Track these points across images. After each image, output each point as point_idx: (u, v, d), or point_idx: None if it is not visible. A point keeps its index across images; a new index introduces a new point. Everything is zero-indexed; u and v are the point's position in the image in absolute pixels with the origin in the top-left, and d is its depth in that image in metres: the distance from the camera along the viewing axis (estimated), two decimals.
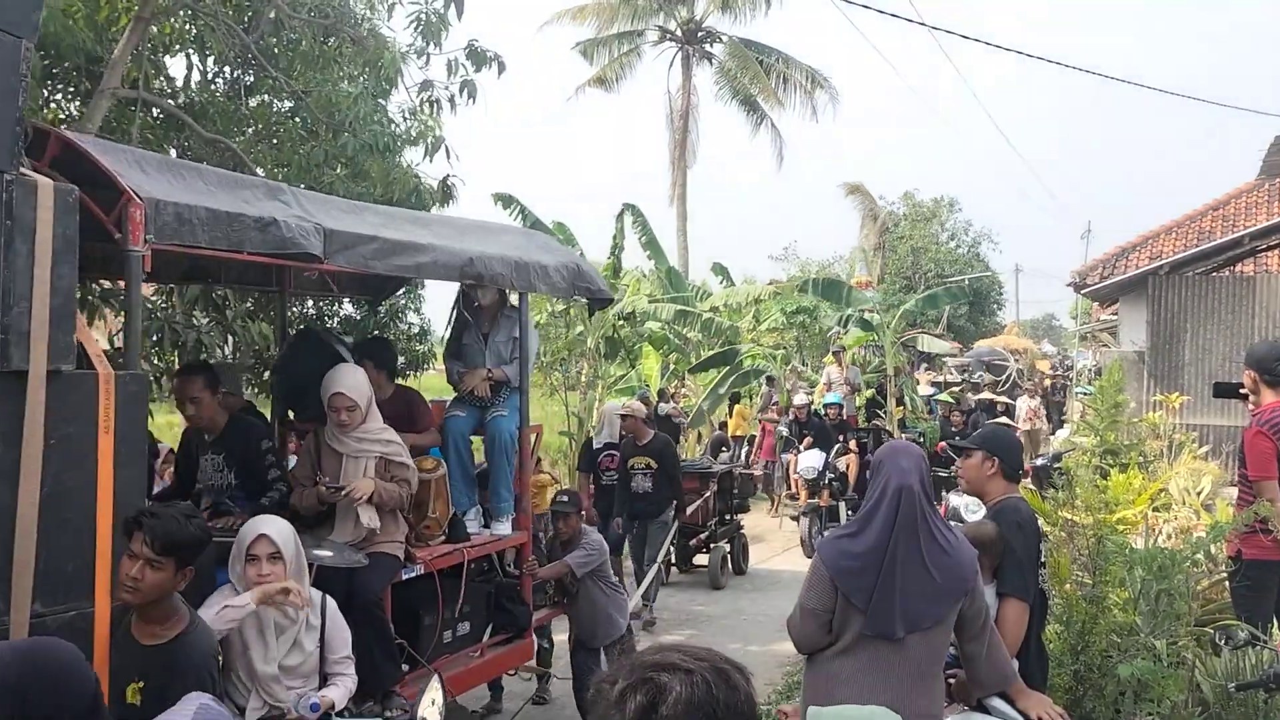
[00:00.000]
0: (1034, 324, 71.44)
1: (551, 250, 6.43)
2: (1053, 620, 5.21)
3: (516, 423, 6.29)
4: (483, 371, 6.22)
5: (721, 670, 1.69)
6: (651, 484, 9.88)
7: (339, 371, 5.20)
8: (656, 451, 9.95)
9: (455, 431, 6.26)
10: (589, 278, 6.53)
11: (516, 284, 5.86)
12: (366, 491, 4.98)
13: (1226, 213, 17.39)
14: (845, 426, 15.32)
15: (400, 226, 5.17)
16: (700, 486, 11.77)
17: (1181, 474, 9.94)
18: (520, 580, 6.44)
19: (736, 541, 12.41)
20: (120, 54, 7.31)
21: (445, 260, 5.20)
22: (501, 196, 17.60)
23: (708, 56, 31.84)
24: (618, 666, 1.72)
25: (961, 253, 46.72)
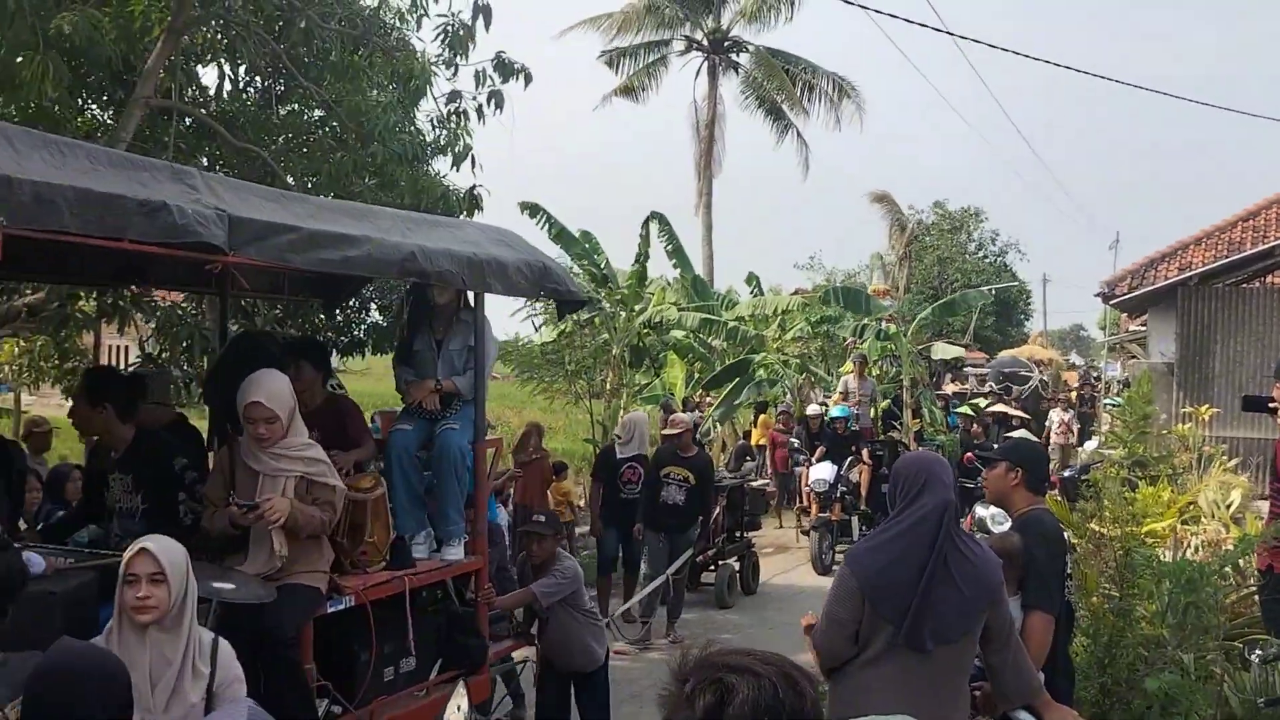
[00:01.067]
0: (1062, 335, 71.06)
1: (513, 247, 5.87)
2: (1079, 633, 5.18)
3: (470, 437, 5.69)
4: (430, 383, 5.65)
5: (789, 675, 1.73)
6: (684, 498, 9.59)
7: (257, 377, 4.59)
8: (697, 468, 9.69)
9: (400, 447, 5.63)
10: (557, 278, 6.00)
11: (469, 283, 5.33)
12: (281, 513, 4.38)
13: (1257, 223, 17.23)
14: (859, 438, 15.02)
15: (331, 217, 4.68)
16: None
17: (1211, 487, 9.85)
18: (475, 610, 5.81)
19: (747, 559, 11.96)
20: (153, 64, 7.40)
21: (381, 255, 4.69)
22: (528, 206, 17.65)
23: (734, 66, 31.86)
24: (688, 664, 1.76)
25: (988, 263, 46.51)
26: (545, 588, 6.13)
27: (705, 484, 9.72)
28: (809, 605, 10.26)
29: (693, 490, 9.57)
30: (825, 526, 13.01)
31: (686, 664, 1.77)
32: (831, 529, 13.06)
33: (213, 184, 4.17)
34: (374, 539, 5.08)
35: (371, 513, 5.04)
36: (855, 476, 13.98)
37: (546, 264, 5.94)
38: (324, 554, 4.71)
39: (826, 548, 12.86)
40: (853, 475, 13.91)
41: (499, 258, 5.48)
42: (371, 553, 5.09)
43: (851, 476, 13.89)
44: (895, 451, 14.75)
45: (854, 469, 14.03)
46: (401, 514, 5.48)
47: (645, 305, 18.32)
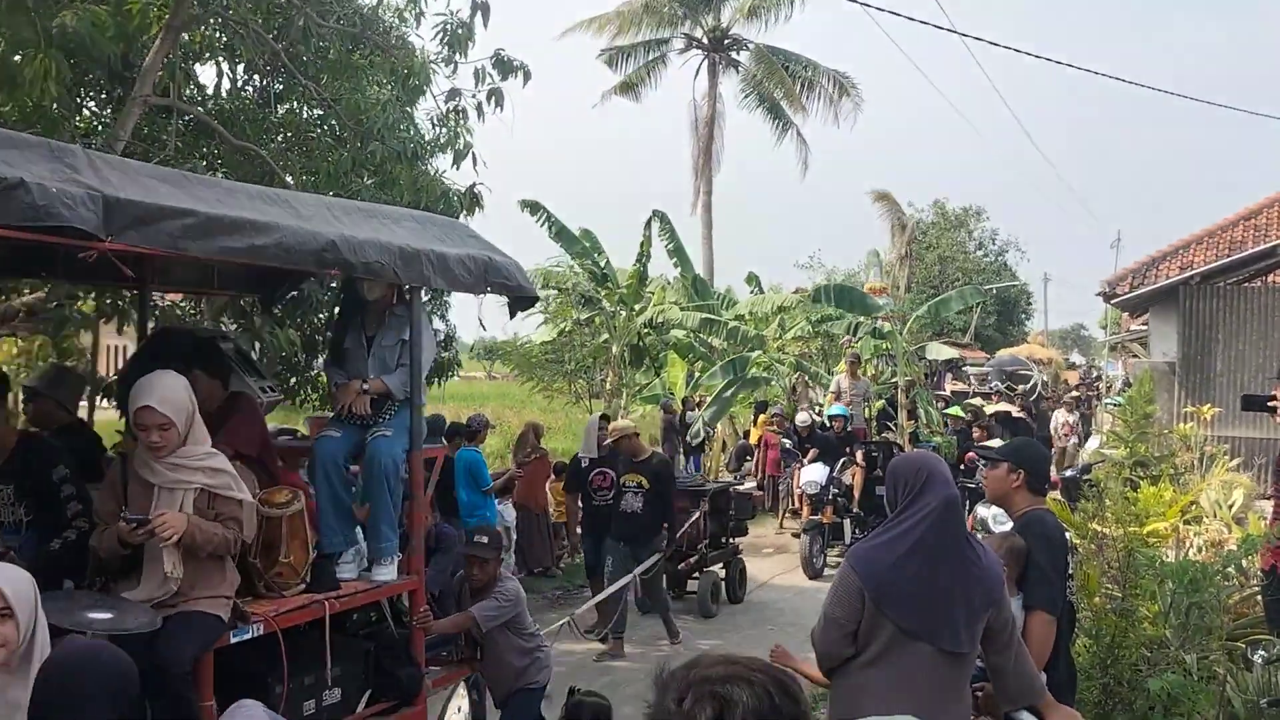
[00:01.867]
0: (1063, 334, 71.06)
1: (456, 239, 5.46)
2: (1082, 633, 5.16)
3: (404, 444, 5.19)
4: (356, 384, 5.15)
5: (780, 681, 1.71)
6: (642, 504, 9.23)
7: (149, 379, 4.17)
8: (651, 471, 9.31)
9: (326, 456, 5.15)
10: (505, 273, 5.56)
11: (402, 275, 4.86)
12: (175, 530, 3.93)
13: (1259, 222, 17.21)
14: (853, 439, 14.73)
15: (239, 202, 4.24)
16: (690, 506, 10.92)
17: (1213, 487, 9.84)
18: (410, 636, 5.35)
19: (733, 566, 11.45)
20: (152, 62, 7.37)
21: (295, 244, 4.24)
22: (529, 203, 17.64)
23: (734, 64, 31.85)
24: (675, 680, 1.72)
25: (989, 261, 46.53)
26: (485, 611, 5.79)
27: (663, 487, 9.33)
28: (796, 614, 10.33)
29: (650, 495, 9.23)
30: (816, 529, 12.79)
31: (673, 679, 1.74)
32: (823, 531, 12.84)
33: (98, 163, 3.74)
34: (290, 559, 4.62)
35: (287, 530, 4.61)
36: (848, 479, 13.74)
37: (493, 258, 5.51)
38: (227, 576, 4.24)
39: (817, 550, 12.64)
40: (845, 477, 13.69)
41: (437, 250, 5.08)
42: (288, 574, 4.64)
43: (844, 479, 13.66)
44: (890, 453, 14.44)
45: (846, 471, 13.80)
46: (328, 530, 5.08)
47: (645, 305, 18.30)
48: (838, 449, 13.97)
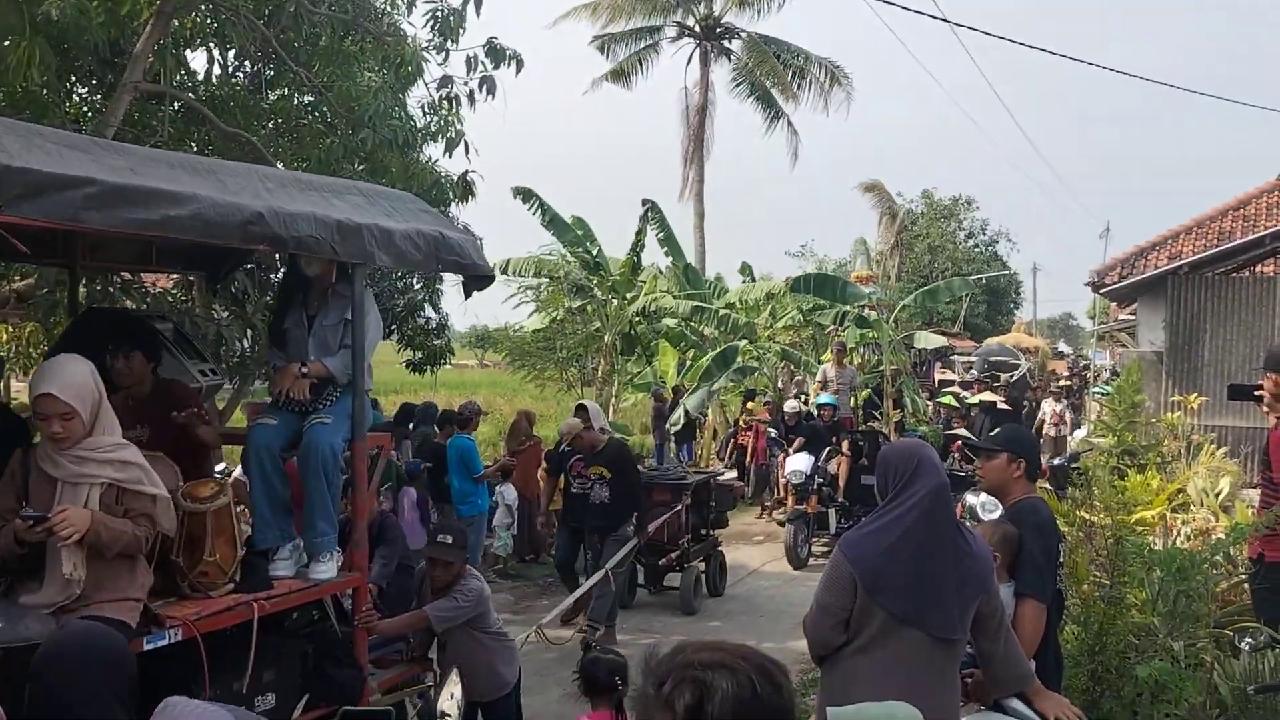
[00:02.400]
0: (1052, 323, 71.22)
1: (406, 214, 5.14)
2: (1070, 621, 5.20)
3: (344, 433, 4.88)
4: (294, 368, 4.86)
5: (764, 669, 1.71)
6: (609, 494, 9.17)
7: (50, 365, 3.92)
8: (611, 459, 9.24)
9: (260, 445, 4.81)
10: (459, 250, 5.22)
11: (340, 250, 4.53)
12: (76, 528, 3.60)
13: (1247, 213, 17.27)
14: (839, 428, 14.62)
15: (155, 171, 3.88)
16: (671, 499, 10.65)
17: (1200, 475, 9.88)
18: (353, 636, 5.02)
19: (713, 560, 11.24)
20: (142, 48, 7.34)
21: (214, 216, 3.89)
22: (521, 190, 17.61)
23: (726, 53, 31.80)
24: (660, 664, 1.73)
25: (979, 251, 46.59)
26: (440, 611, 5.52)
27: (624, 472, 9.25)
28: (787, 602, 10.36)
29: (614, 482, 9.16)
30: (801, 519, 12.70)
31: (658, 664, 1.74)
32: (808, 521, 12.75)
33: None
34: (215, 557, 4.28)
35: (212, 526, 4.27)
36: (833, 468, 13.64)
37: (446, 234, 5.19)
38: (137, 578, 3.88)
39: (802, 540, 12.56)
40: (830, 467, 13.61)
41: (382, 225, 4.76)
42: (214, 573, 4.30)
43: (830, 468, 13.57)
44: (876, 442, 14.41)
45: (832, 460, 13.70)
46: (261, 525, 4.78)
47: (637, 293, 18.30)
48: (824, 438, 13.90)
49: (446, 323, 13.86)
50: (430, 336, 13.28)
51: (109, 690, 2.47)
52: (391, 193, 5.39)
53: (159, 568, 4.12)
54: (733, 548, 13.63)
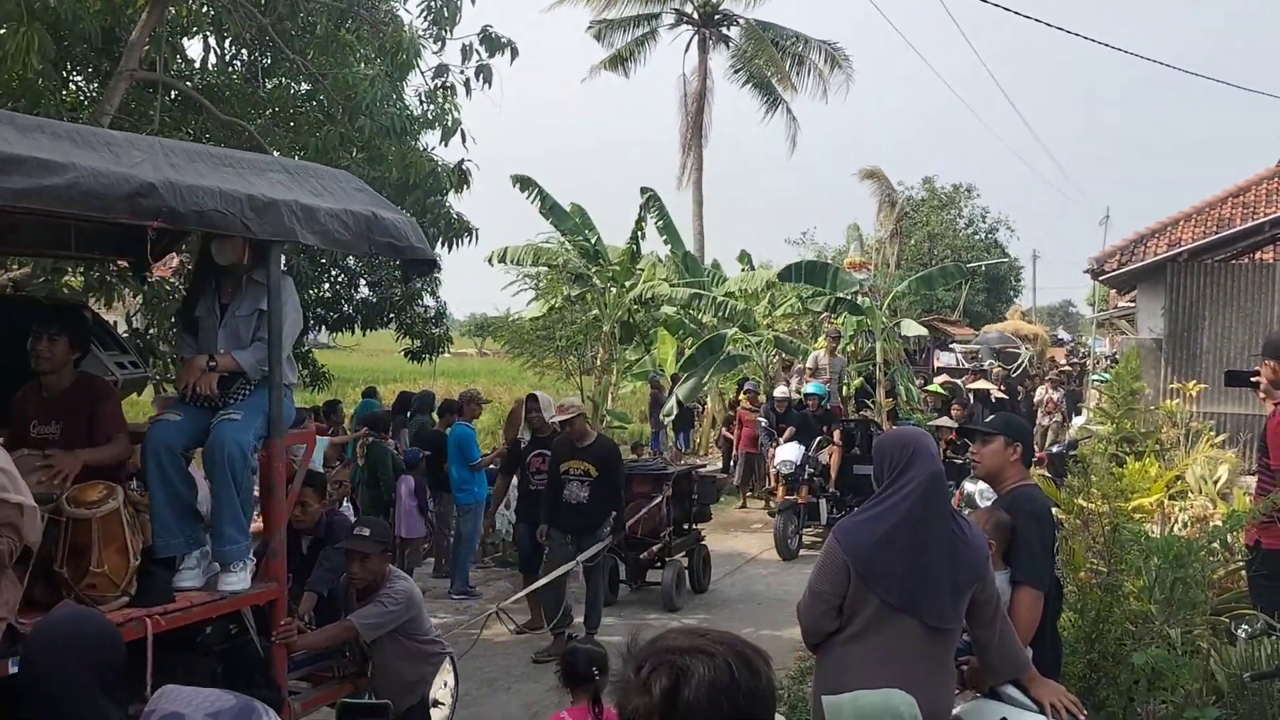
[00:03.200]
0: (1051, 311, 71.21)
1: (336, 192, 4.74)
2: (1067, 608, 5.20)
3: (257, 430, 4.48)
4: (201, 360, 4.46)
5: (743, 654, 1.71)
6: (588, 494, 8.33)
7: None
8: (599, 458, 8.39)
9: (160, 443, 4.39)
10: (394, 231, 4.82)
11: (253, 227, 4.12)
12: None
13: (1246, 199, 17.25)
14: (830, 417, 14.30)
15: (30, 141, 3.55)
16: (651, 491, 10.19)
17: (1198, 462, 9.90)
18: (271, 652, 4.60)
19: (696, 554, 10.72)
20: (138, 36, 7.32)
21: (96, 186, 3.55)
22: (520, 179, 17.59)
23: (724, 39, 31.72)
24: (639, 651, 1.73)
25: (979, 239, 46.56)
26: (367, 619, 5.10)
27: (610, 474, 8.41)
28: (785, 589, 10.33)
29: (597, 484, 8.33)
30: (791, 509, 12.44)
31: (637, 649, 1.75)
32: (798, 512, 12.53)
33: None
34: (104, 568, 3.89)
35: (100, 533, 3.88)
36: (825, 458, 13.38)
37: (379, 213, 4.80)
38: (2, 594, 3.51)
39: (792, 532, 12.32)
40: (822, 456, 13.37)
41: (303, 202, 4.37)
42: (103, 585, 3.90)
43: (821, 458, 13.34)
44: (868, 431, 14.31)
45: (823, 450, 13.45)
46: (162, 531, 4.34)
47: (636, 281, 18.29)
48: (814, 427, 13.69)
49: (445, 311, 13.87)
50: (429, 325, 13.29)
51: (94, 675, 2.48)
52: (325, 171, 5.05)
53: (44, 580, 3.83)
54: (731, 535, 13.67)
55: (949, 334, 32.48)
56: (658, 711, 1.65)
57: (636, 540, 9.90)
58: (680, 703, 1.64)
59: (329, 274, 12.58)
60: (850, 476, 13.20)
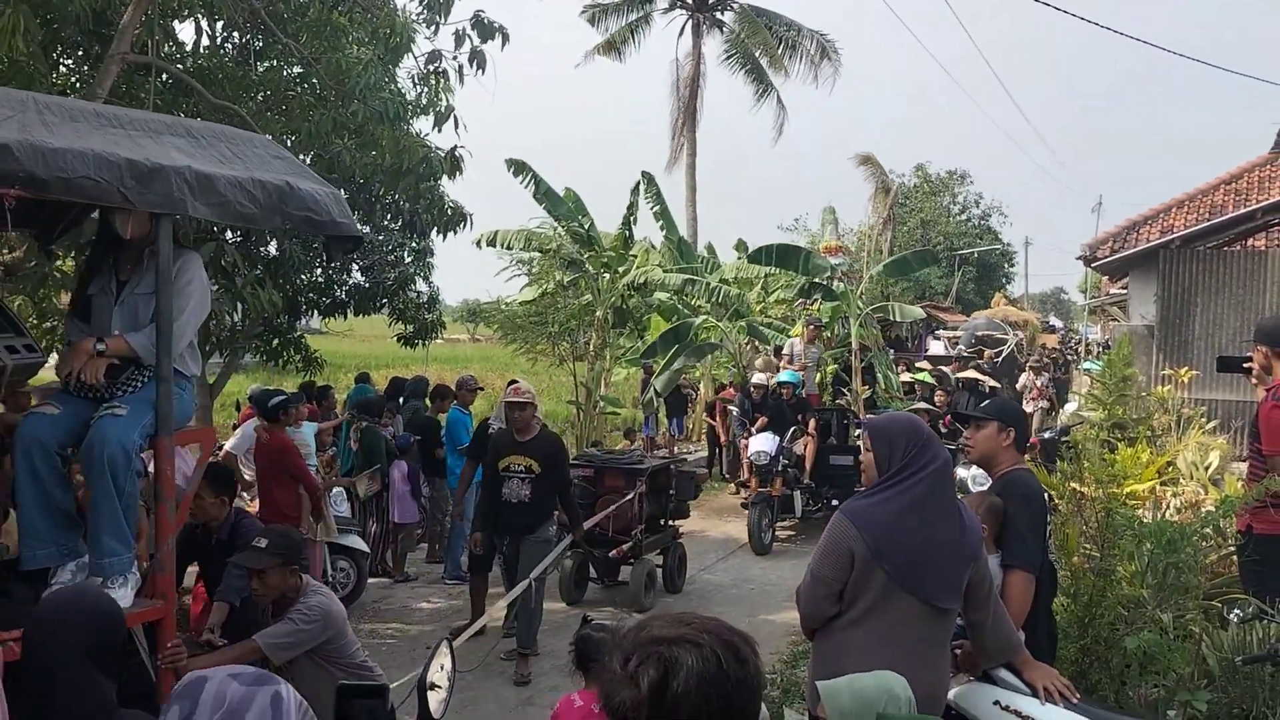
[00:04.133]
0: (1043, 297, 71.37)
1: (249, 159, 4.25)
2: (1060, 593, 5.23)
3: (144, 428, 3.95)
4: (88, 343, 3.93)
5: (730, 643, 1.70)
6: (530, 492, 7.70)
7: None
8: (542, 453, 7.78)
9: (31, 439, 3.88)
10: (313, 204, 4.27)
11: (134, 197, 3.64)
12: None
13: (1239, 186, 17.26)
14: (806, 406, 13.79)
15: None
16: (625, 486, 9.76)
17: (1189, 448, 9.93)
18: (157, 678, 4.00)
19: (672, 552, 10.24)
20: (129, 19, 7.27)
21: None
22: (514, 163, 17.55)
23: (718, 24, 31.65)
24: (624, 642, 1.72)
25: (971, 225, 46.60)
26: (274, 639, 4.52)
27: (554, 471, 7.83)
28: (773, 579, 10.31)
29: (539, 481, 7.72)
30: (765, 502, 12.04)
31: (623, 639, 1.74)
32: (771, 504, 12.13)
33: None
34: None
35: None
36: (799, 449, 12.99)
37: (295, 184, 4.25)
38: None
39: (766, 525, 11.96)
40: (796, 447, 12.96)
41: (198, 169, 3.87)
42: None
43: (796, 449, 12.94)
44: (844, 421, 14.12)
45: (798, 440, 13.05)
46: (31, 540, 3.88)
47: (629, 267, 18.27)
48: (789, 417, 13.21)
49: (438, 296, 13.86)
50: (422, 310, 13.27)
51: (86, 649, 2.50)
52: (241, 136, 4.55)
53: None
54: (726, 520, 13.68)
55: (942, 320, 32.51)
56: (646, 704, 1.65)
57: (607, 537, 9.51)
58: (669, 694, 1.64)
59: (321, 259, 12.57)
60: (826, 467, 13.03)
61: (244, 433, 9.03)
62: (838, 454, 13.17)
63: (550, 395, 21.83)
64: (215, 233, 8.85)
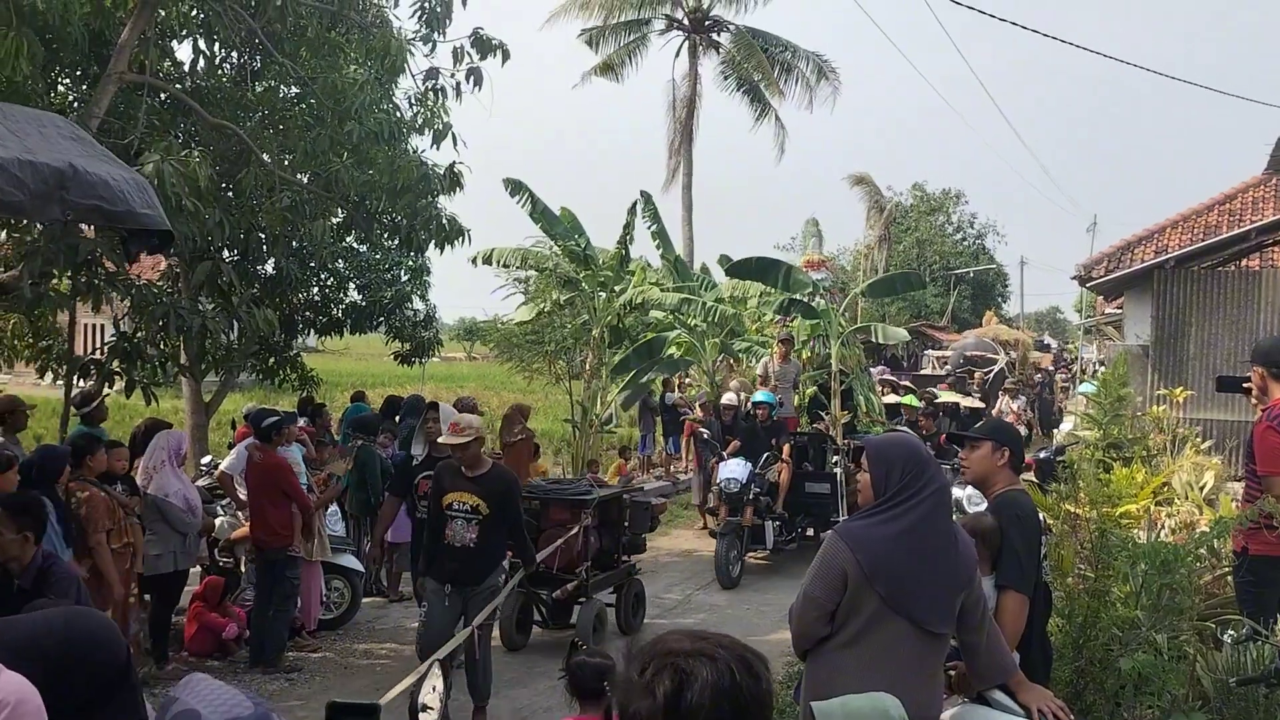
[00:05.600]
0: (1038, 317, 71.47)
1: (22, 135, 3.72)
2: (1055, 614, 5.22)
3: None
4: None
5: (744, 658, 1.74)
6: (477, 536, 6.61)
7: None
8: (492, 491, 6.66)
9: None
10: (104, 191, 3.68)
11: None
12: None
13: (1233, 207, 17.34)
14: (780, 429, 12.75)
15: None
16: (571, 519, 8.70)
17: (1184, 469, 9.94)
18: None
19: (626, 590, 9.22)
20: (127, 38, 7.31)
21: None
22: (511, 182, 17.58)
23: (714, 46, 31.82)
24: (641, 653, 1.76)
25: (967, 245, 46.75)
26: None
27: (505, 512, 6.71)
28: (769, 597, 10.22)
29: (488, 524, 6.64)
30: (734, 533, 11.17)
31: (639, 651, 1.77)
32: (741, 535, 11.27)
33: None
34: None
35: None
36: (774, 475, 12.11)
37: (80, 166, 3.66)
38: None
39: (734, 558, 11.12)
40: (770, 474, 12.07)
41: None
42: None
43: (769, 475, 12.04)
44: (821, 446, 13.35)
45: (771, 466, 12.14)
46: None
47: (626, 286, 18.28)
48: (764, 441, 12.31)
49: (434, 314, 13.88)
50: (418, 328, 13.29)
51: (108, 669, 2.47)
52: (23, 113, 4.03)
53: None
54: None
55: (937, 339, 32.50)
56: (661, 714, 1.68)
57: (547, 576, 8.49)
58: (683, 706, 1.67)
59: (318, 277, 12.59)
60: (801, 496, 12.34)
61: (239, 453, 9.01)
62: (814, 482, 12.53)
63: (546, 414, 21.81)
64: (212, 252, 8.88)
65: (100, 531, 7.03)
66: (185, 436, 9.42)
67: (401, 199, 9.13)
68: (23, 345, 10.84)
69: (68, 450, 7.22)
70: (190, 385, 12.52)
